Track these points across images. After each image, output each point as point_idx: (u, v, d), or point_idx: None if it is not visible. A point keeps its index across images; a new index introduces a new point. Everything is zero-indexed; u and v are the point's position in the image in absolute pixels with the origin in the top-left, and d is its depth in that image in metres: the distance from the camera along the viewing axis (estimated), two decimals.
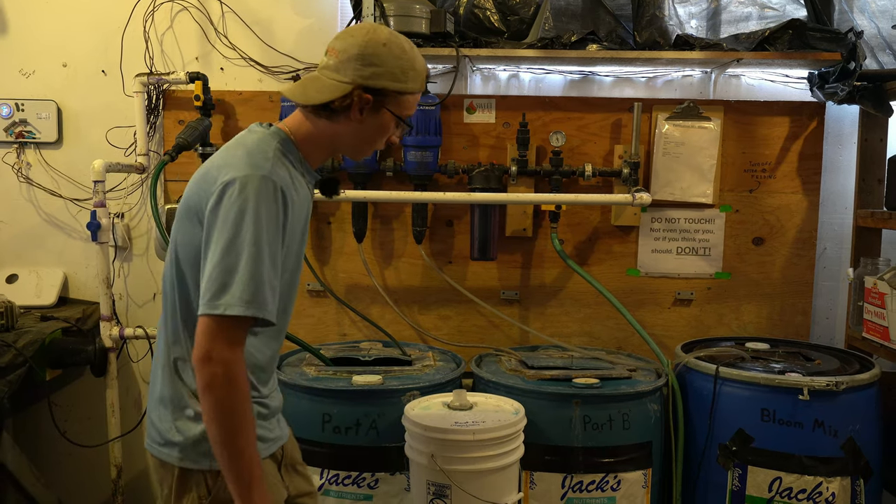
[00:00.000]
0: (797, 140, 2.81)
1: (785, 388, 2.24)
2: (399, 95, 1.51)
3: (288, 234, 1.46)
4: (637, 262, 2.88)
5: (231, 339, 1.36)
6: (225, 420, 1.36)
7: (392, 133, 1.57)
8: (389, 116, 1.52)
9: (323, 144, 1.55)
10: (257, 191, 1.38)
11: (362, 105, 1.48)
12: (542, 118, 2.81)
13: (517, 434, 2.09)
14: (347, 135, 1.53)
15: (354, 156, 1.62)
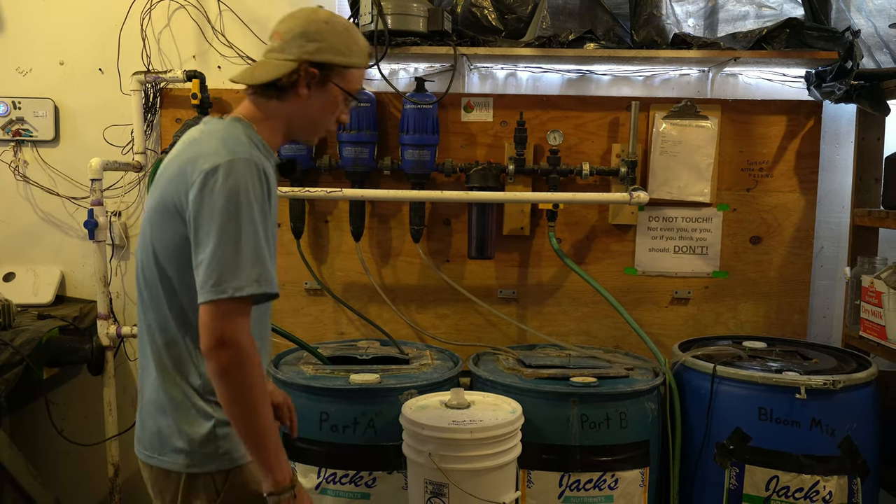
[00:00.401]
0: (794, 139, 2.82)
1: (782, 387, 2.24)
2: (344, 69, 1.56)
3: (273, 213, 1.51)
4: (634, 260, 2.88)
5: (240, 320, 1.39)
6: (247, 399, 1.39)
7: (341, 111, 1.61)
8: (337, 91, 1.57)
9: (277, 127, 1.58)
10: (243, 173, 1.42)
11: (309, 79, 1.53)
12: (539, 117, 2.81)
13: (515, 433, 2.09)
14: (298, 113, 1.57)
15: (308, 136, 1.64)
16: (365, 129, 2.68)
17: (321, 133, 1.65)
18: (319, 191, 2.63)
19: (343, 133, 2.69)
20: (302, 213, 2.80)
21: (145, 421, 1.57)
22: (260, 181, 1.44)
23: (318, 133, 1.64)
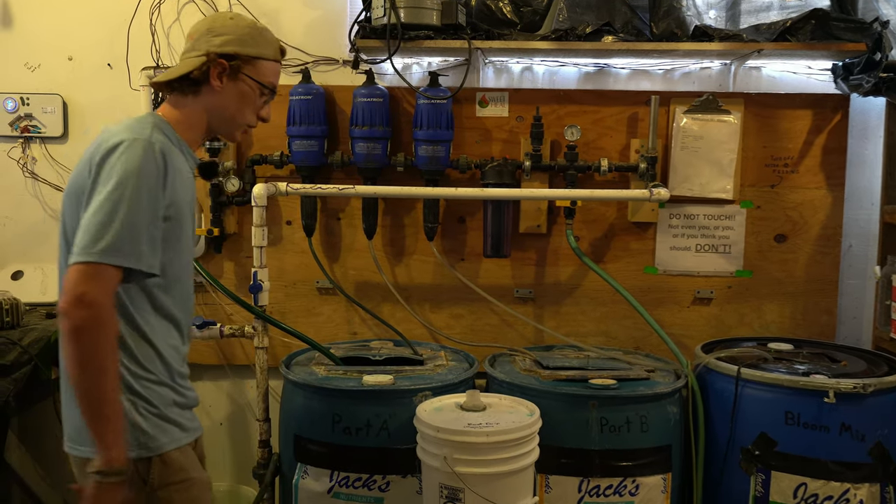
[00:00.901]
0: (821, 133, 2.75)
1: (810, 391, 2.18)
2: (254, 60, 1.64)
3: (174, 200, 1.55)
4: (655, 259, 2.83)
5: (104, 285, 1.43)
6: (95, 364, 1.43)
7: (258, 105, 1.69)
8: (250, 83, 1.65)
9: (194, 123, 1.66)
10: (139, 153, 1.49)
11: (220, 71, 1.62)
12: (556, 112, 2.76)
13: (532, 436, 2.05)
14: (214, 106, 1.65)
15: (227, 130, 1.71)
16: (377, 124, 2.64)
17: (240, 127, 1.71)
18: (331, 187, 2.60)
19: (355, 129, 2.65)
20: (314, 210, 2.77)
21: (65, 413, 1.62)
22: (156, 164, 1.50)
23: (236, 127, 1.70)
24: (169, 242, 1.57)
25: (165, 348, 1.61)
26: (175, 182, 1.56)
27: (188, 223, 1.65)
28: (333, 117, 2.77)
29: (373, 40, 2.55)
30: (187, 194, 1.63)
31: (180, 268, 1.64)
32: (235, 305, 2.66)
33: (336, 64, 2.80)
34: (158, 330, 1.60)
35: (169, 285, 1.61)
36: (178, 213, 1.58)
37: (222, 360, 2.90)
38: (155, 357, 1.60)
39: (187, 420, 1.66)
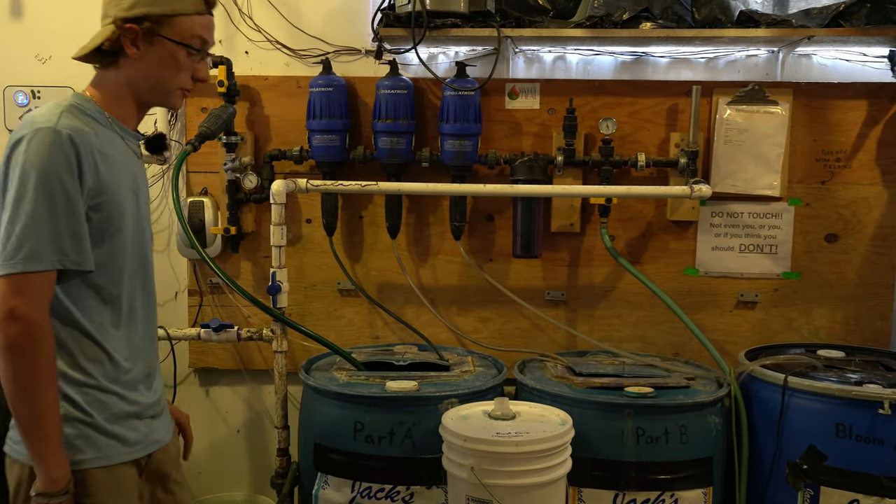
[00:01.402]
0: (876, 126, 2.73)
1: (863, 401, 2.17)
2: (169, 19, 1.56)
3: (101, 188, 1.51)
4: (695, 260, 2.83)
5: (34, 296, 1.43)
6: (30, 381, 1.43)
7: (188, 66, 1.60)
8: (170, 45, 1.57)
9: (123, 98, 1.61)
10: (43, 142, 1.45)
11: (132, 38, 1.55)
12: (590, 104, 2.77)
13: (564, 447, 2.06)
14: (138, 76, 1.59)
15: (159, 98, 1.64)
16: (401, 117, 2.68)
17: (173, 93, 1.63)
18: (353, 184, 2.63)
19: (378, 122, 2.69)
20: (335, 208, 2.81)
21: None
22: (65, 154, 1.46)
23: (168, 93, 1.63)
24: (106, 234, 1.54)
25: (115, 350, 1.59)
26: (100, 168, 1.51)
27: (129, 209, 1.59)
28: (355, 110, 2.81)
29: (397, 29, 2.57)
30: (125, 178, 1.59)
31: (124, 260, 1.59)
32: (253, 307, 2.70)
33: (358, 54, 2.83)
34: (107, 331, 1.58)
35: (113, 281, 1.58)
36: (111, 202, 1.54)
37: (239, 364, 2.95)
38: (104, 359, 1.57)
39: (136, 432, 1.61)
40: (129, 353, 1.62)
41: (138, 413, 1.63)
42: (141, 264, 1.66)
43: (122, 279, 1.60)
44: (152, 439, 1.66)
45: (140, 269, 1.66)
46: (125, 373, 1.61)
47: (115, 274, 1.58)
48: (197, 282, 2.93)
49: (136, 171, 1.64)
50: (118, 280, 1.59)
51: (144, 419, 1.65)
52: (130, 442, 1.60)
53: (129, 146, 1.63)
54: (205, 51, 1.63)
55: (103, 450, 1.56)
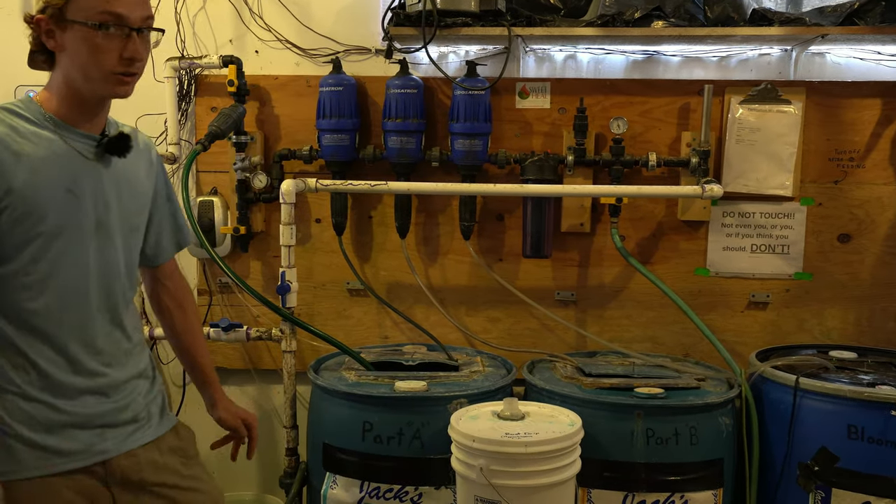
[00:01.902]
0: (890, 125, 2.73)
1: (875, 403, 2.17)
2: (67, 3, 1.48)
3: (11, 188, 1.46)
4: (706, 260, 2.83)
5: None
6: None
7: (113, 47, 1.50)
8: (81, 28, 1.48)
9: (63, 95, 1.55)
10: None
11: (46, 30, 1.51)
12: (601, 103, 2.78)
13: (573, 447, 2.07)
14: (69, 69, 1.52)
15: (96, 87, 1.54)
16: (411, 117, 2.69)
17: (105, 79, 1.52)
18: (363, 184, 2.65)
19: (388, 122, 2.70)
20: (344, 207, 2.83)
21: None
22: None
23: (100, 80, 1.52)
24: (23, 237, 1.50)
25: (43, 358, 1.54)
26: (7, 168, 1.46)
27: (59, 211, 1.52)
28: (365, 109, 2.82)
29: (407, 28, 2.59)
30: (55, 178, 1.52)
31: (54, 265, 1.53)
32: (262, 307, 2.73)
33: (368, 53, 2.85)
34: (34, 338, 1.53)
35: (39, 286, 1.53)
36: (23, 204, 1.48)
37: (248, 364, 2.97)
38: (28, 367, 1.53)
39: (76, 442, 1.57)
40: (68, 362, 1.57)
41: (79, 423, 1.58)
42: (94, 268, 1.60)
43: (48, 285, 1.53)
44: (101, 448, 1.61)
45: (93, 274, 1.60)
46: (59, 382, 1.56)
47: (39, 280, 1.52)
48: (206, 281, 2.96)
49: (77, 171, 1.56)
50: (45, 287, 1.53)
51: (92, 428, 1.60)
52: (65, 452, 1.56)
53: (70, 146, 1.55)
54: (123, 25, 1.50)
55: (25, 461, 1.52)
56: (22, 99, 1.57)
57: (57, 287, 1.55)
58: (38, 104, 1.55)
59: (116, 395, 1.65)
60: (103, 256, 1.62)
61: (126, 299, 1.70)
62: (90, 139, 1.59)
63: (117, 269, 1.65)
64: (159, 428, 1.75)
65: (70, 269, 1.56)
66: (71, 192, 1.54)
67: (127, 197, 1.66)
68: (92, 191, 1.58)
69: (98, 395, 1.62)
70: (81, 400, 1.59)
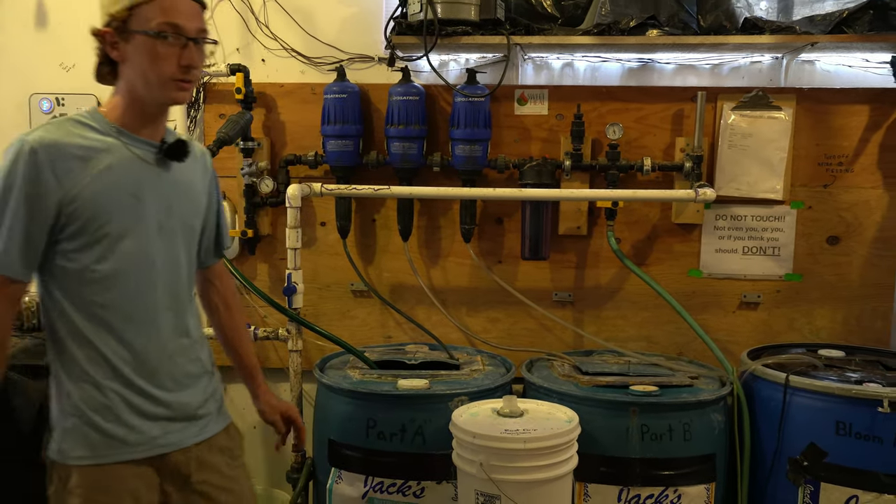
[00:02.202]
0: (878, 130, 2.74)
1: (862, 400, 2.19)
2: (130, 11, 1.55)
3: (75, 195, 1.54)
4: (700, 262, 2.85)
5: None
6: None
7: (170, 55, 1.56)
8: (142, 37, 1.55)
9: (125, 103, 1.62)
10: (7, 156, 1.53)
11: (111, 42, 1.58)
12: (597, 109, 2.80)
13: (571, 443, 2.09)
14: (132, 78, 1.60)
15: (156, 94, 1.60)
16: (413, 123, 2.71)
17: (165, 85, 1.58)
18: (366, 188, 2.67)
19: (391, 128, 2.72)
20: (348, 211, 2.85)
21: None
22: (25, 165, 1.51)
23: (159, 86, 1.58)
24: (91, 239, 1.56)
25: (114, 353, 1.60)
26: (76, 176, 1.53)
27: (124, 215, 1.59)
28: (369, 116, 2.84)
29: (409, 37, 2.61)
30: (120, 184, 1.58)
31: (121, 264, 1.59)
32: (269, 308, 2.75)
33: (371, 61, 2.87)
34: (106, 333, 1.59)
35: (108, 285, 1.58)
36: (90, 208, 1.55)
37: None
38: (100, 361, 1.59)
39: (139, 433, 1.62)
40: (134, 357, 1.62)
41: (146, 413, 1.63)
42: (159, 268, 1.65)
43: (118, 284, 1.59)
44: (162, 442, 1.65)
45: (158, 273, 1.65)
46: (127, 375, 1.61)
47: (109, 278, 1.58)
48: None
49: (140, 176, 1.62)
50: (112, 285, 1.59)
51: (157, 421, 1.65)
52: (130, 443, 1.61)
53: (133, 152, 1.61)
54: (181, 34, 1.57)
55: (96, 449, 1.58)
56: (88, 110, 1.65)
57: (124, 284, 1.61)
58: (103, 114, 1.62)
59: (179, 390, 1.69)
60: (166, 256, 1.67)
61: (188, 297, 1.75)
62: (151, 146, 1.65)
63: (179, 268, 1.71)
64: (215, 426, 1.78)
65: (136, 268, 1.62)
66: (134, 197, 1.61)
67: (185, 200, 1.72)
68: (153, 194, 1.64)
69: (165, 389, 1.66)
70: (149, 393, 1.64)
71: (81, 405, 1.58)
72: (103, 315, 1.59)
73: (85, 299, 1.58)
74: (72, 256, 1.56)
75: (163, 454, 1.66)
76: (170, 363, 1.67)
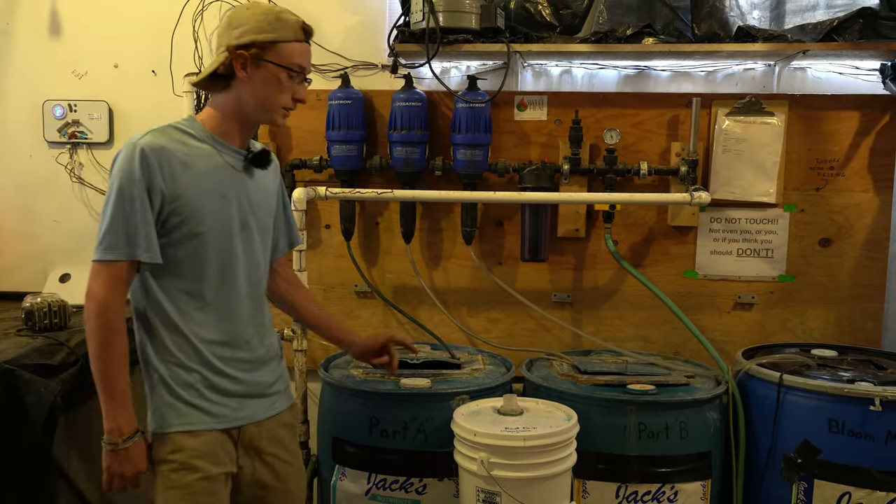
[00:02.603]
0: (868, 135, 2.73)
1: (855, 398, 2.17)
2: (273, 45, 1.70)
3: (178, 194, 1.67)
4: (695, 263, 2.84)
5: (103, 280, 1.65)
6: (94, 346, 1.65)
7: (289, 88, 1.75)
8: (273, 67, 1.71)
9: (227, 115, 1.77)
10: (121, 158, 1.67)
11: (241, 62, 1.71)
12: (595, 115, 2.79)
13: (569, 441, 2.08)
14: (246, 97, 1.74)
15: (263, 116, 1.78)
16: (416, 128, 2.70)
17: (276, 111, 1.77)
18: (370, 192, 2.66)
19: (394, 133, 2.72)
20: (352, 214, 2.84)
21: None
22: (138, 165, 1.64)
23: (271, 111, 1.77)
24: (186, 235, 1.70)
25: (197, 337, 1.73)
26: (178, 177, 1.68)
27: (214, 215, 1.72)
28: (372, 121, 2.84)
29: (411, 45, 2.61)
30: (212, 186, 1.72)
31: (206, 258, 1.73)
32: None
33: (375, 68, 2.86)
34: (192, 320, 1.73)
35: (195, 277, 1.72)
36: (188, 206, 1.69)
37: None
38: (185, 344, 1.73)
39: (221, 407, 1.75)
40: (218, 341, 1.76)
41: (225, 391, 1.76)
42: (228, 265, 1.77)
43: (205, 276, 1.73)
44: (239, 415, 1.78)
45: (240, 266, 1.78)
46: (208, 357, 1.74)
47: (197, 270, 1.73)
48: None
49: (229, 180, 1.76)
50: (200, 276, 1.73)
51: (233, 397, 1.78)
52: (214, 414, 1.75)
53: (225, 159, 1.76)
54: (303, 74, 1.77)
55: (184, 417, 1.72)
56: (186, 119, 1.79)
57: (210, 276, 1.74)
58: (200, 123, 1.77)
59: (255, 371, 1.83)
60: (248, 251, 1.81)
61: (264, 287, 1.91)
62: (239, 154, 1.80)
63: (257, 263, 1.85)
64: (282, 403, 1.91)
65: (221, 262, 1.76)
66: (223, 198, 1.75)
67: (262, 202, 1.86)
68: (238, 197, 1.78)
69: (240, 369, 1.80)
70: (227, 373, 1.77)
71: (170, 382, 1.72)
72: (191, 303, 1.73)
73: (176, 288, 1.72)
74: (166, 250, 1.69)
75: (238, 427, 1.79)
76: (246, 347, 1.81)
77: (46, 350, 2.37)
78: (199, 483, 1.71)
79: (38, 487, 2.32)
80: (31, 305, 2.52)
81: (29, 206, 3.04)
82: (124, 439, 1.67)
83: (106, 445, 1.68)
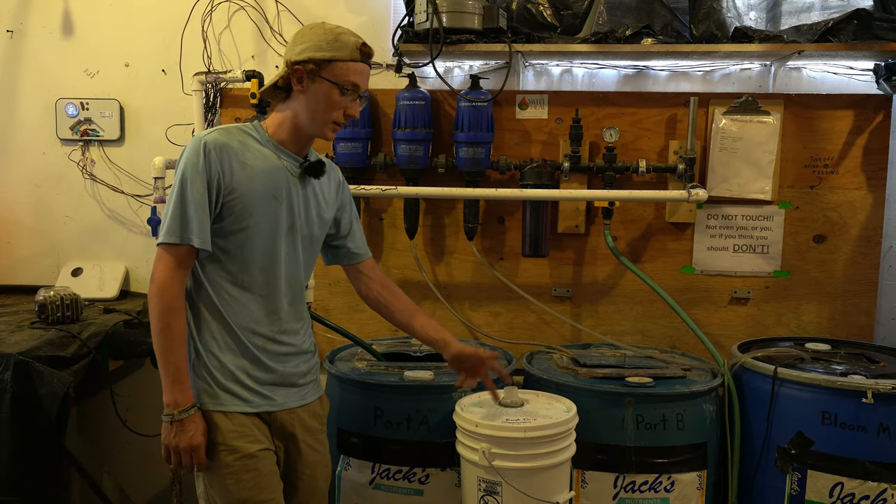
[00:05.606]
0: (862, 134, 2.72)
1: (847, 391, 2.17)
2: (329, 63, 1.75)
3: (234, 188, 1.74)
4: (692, 259, 2.83)
5: (164, 263, 1.72)
6: (155, 324, 1.73)
7: (342, 104, 1.79)
8: (328, 84, 1.76)
9: (287, 125, 1.83)
10: (188, 150, 1.75)
11: (298, 77, 1.77)
12: (595, 114, 2.78)
13: (569, 432, 2.08)
14: (301, 109, 1.80)
15: (314, 128, 1.82)
16: (419, 126, 2.69)
17: (327, 124, 1.81)
18: (374, 188, 2.65)
19: (398, 131, 2.71)
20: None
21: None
22: (203, 157, 1.72)
23: (322, 124, 1.81)
24: (235, 227, 1.77)
25: (238, 326, 1.80)
26: (236, 173, 1.75)
27: (264, 212, 1.78)
28: (377, 120, 2.83)
29: (415, 45, 2.60)
30: (266, 185, 1.78)
31: (252, 252, 1.79)
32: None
33: (380, 68, 2.85)
34: (234, 310, 1.80)
35: (241, 268, 1.79)
36: (241, 201, 1.75)
37: None
38: (224, 332, 1.80)
39: (252, 393, 1.81)
40: (257, 332, 1.82)
41: (258, 378, 1.82)
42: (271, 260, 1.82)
43: (248, 268, 1.79)
44: (271, 402, 1.84)
45: (282, 264, 1.83)
46: (245, 346, 1.80)
47: (241, 262, 1.79)
48: None
49: (282, 183, 1.81)
50: (245, 268, 1.79)
51: (265, 385, 1.83)
52: (245, 399, 1.80)
53: (282, 163, 1.82)
54: (356, 93, 1.80)
55: (219, 399, 1.78)
56: (252, 123, 1.85)
57: (254, 270, 1.81)
58: (265, 128, 1.84)
59: (287, 362, 1.88)
60: (290, 252, 1.86)
61: (302, 288, 1.94)
62: (296, 161, 1.86)
63: (298, 264, 1.89)
64: (313, 395, 1.96)
65: (265, 258, 1.82)
66: (275, 198, 1.81)
67: (314, 211, 1.90)
68: (289, 200, 1.84)
69: (273, 361, 1.84)
70: (262, 363, 1.83)
71: (209, 366, 1.78)
72: (235, 294, 1.79)
73: (222, 279, 1.79)
74: (216, 240, 1.76)
75: (270, 412, 1.84)
76: (282, 339, 1.86)
77: (59, 342, 2.37)
78: (239, 462, 1.76)
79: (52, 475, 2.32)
80: (44, 299, 2.52)
81: (42, 201, 3.04)
82: (180, 411, 1.71)
83: (164, 418, 1.73)
